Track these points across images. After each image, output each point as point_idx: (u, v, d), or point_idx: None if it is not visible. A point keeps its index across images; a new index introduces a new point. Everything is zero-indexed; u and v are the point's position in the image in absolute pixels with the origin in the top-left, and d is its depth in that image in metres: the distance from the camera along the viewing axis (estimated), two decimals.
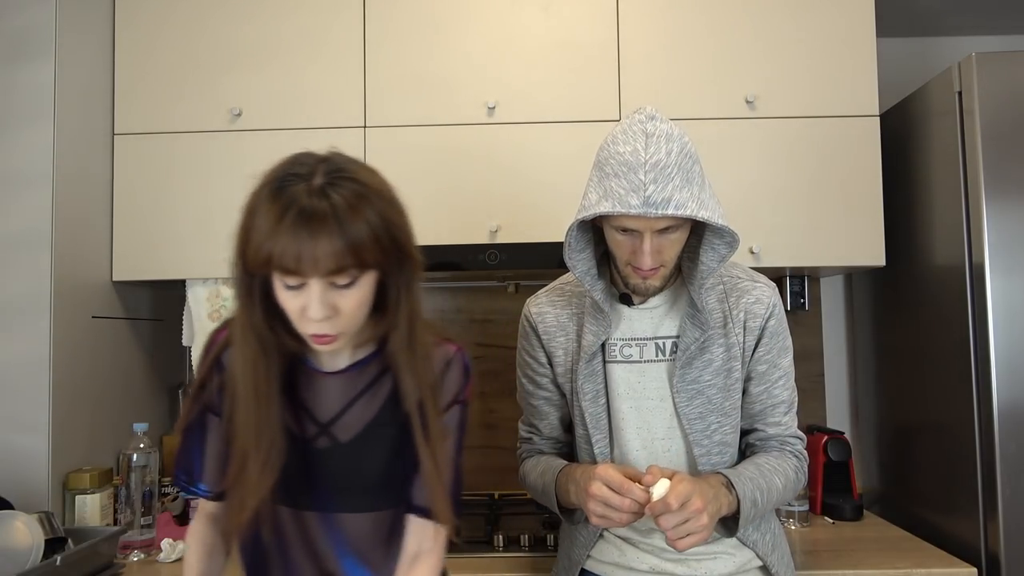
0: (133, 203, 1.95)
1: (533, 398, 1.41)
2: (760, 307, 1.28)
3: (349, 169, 0.99)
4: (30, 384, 1.70)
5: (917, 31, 2.38)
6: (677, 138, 1.15)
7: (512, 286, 2.25)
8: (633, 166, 1.12)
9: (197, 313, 1.99)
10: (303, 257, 0.92)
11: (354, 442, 1.09)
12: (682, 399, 1.27)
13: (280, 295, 0.98)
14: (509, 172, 1.91)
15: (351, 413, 1.09)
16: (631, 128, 1.16)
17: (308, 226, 0.92)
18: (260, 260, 0.95)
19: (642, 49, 1.94)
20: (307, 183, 0.96)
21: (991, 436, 1.62)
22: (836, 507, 1.94)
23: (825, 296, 2.36)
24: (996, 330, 1.62)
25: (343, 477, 1.08)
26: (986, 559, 1.64)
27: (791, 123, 1.92)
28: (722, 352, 1.27)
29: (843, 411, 2.35)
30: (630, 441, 1.29)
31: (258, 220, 0.96)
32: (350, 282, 0.96)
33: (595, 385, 1.30)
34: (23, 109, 1.74)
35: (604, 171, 1.17)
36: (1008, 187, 1.64)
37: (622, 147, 1.15)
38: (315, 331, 0.98)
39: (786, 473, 1.27)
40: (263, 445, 1.01)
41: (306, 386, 1.10)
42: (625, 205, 1.11)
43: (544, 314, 1.38)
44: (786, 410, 1.32)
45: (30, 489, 1.68)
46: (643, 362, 1.29)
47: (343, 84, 1.94)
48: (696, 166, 1.16)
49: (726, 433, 1.29)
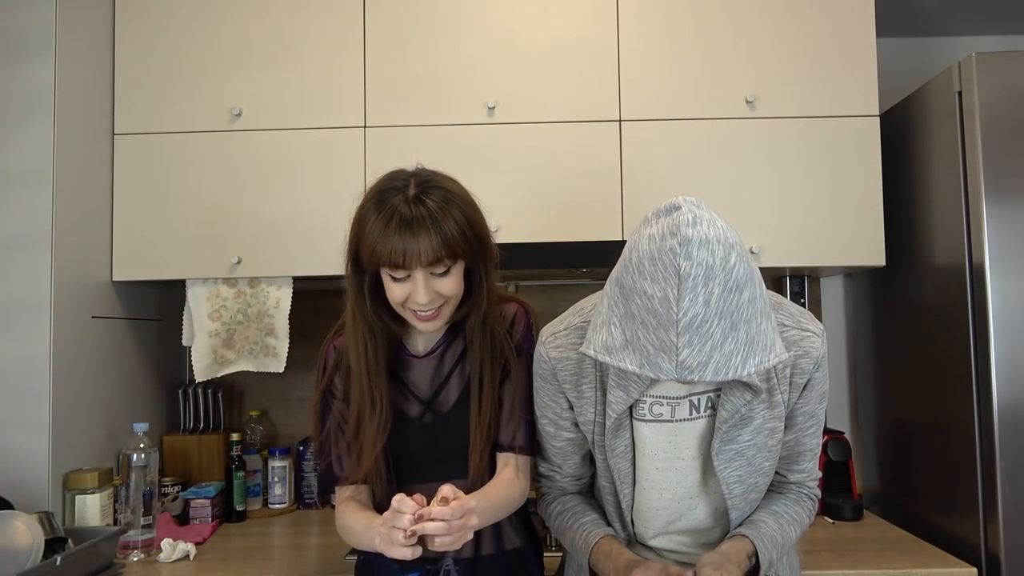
0: (133, 203, 1.95)
1: (555, 440, 1.27)
2: (807, 362, 1.14)
3: (435, 180, 1.21)
4: (30, 384, 1.70)
5: (917, 31, 2.38)
6: (719, 269, 0.92)
7: (512, 286, 2.25)
8: (664, 321, 0.93)
9: (197, 313, 1.99)
10: (408, 253, 1.14)
11: (451, 412, 1.30)
12: (721, 462, 1.15)
13: (389, 287, 1.20)
14: (509, 172, 1.91)
15: (448, 388, 1.31)
16: (660, 259, 0.93)
17: (410, 229, 1.14)
18: (373, 260, 1.17)
19: (642, 49, 1.94)
20: (403, 194, 1.17)
21: (991, 436, 1.62)
22: (836, 507, 1.94)
23: (825, 296, 2.37)
24: (996, 330, 1.62)
25: (447, 447, 1.28)
26: (986, 559, 1.64)
27: (791, 123, 1.92)
28: (764, 410, 1.14)
29: (843, 411, 2.35)
30: (652, 500, 1.21)
31: (368, 228, 1.17)
32: (445, 270, 1.19)
33: (623, 441, 1.18)
34: (23, 109, 1.74)
35: (630, 310, 0.97)
36: (1008, 187, 1.64)
37: (650, 286, 0.94)
38: (420, 310, 1.20)
39: (802, 522, 1.24)
40: (376, 410, 1.25)
41: (407, 371, 1.32)
42: (655, 369, 0.95)
43: (564, 360, 1.20)
44: (812, 457, 1.25)
45: (30, 489, 1.68)
46: (675, 421, 1.17)
47: (343, 84, 1.94)
48: (744, 294, 0.94)
49: (760, 492, 1.22)
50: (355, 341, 1.26)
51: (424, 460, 1.29)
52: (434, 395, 1.31)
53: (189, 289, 2.00)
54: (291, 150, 1.94)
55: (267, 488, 2.12)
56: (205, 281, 1.99)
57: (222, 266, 1.93)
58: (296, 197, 1.93)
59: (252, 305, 1.99)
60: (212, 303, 1.99)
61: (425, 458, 1.29)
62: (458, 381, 1.31)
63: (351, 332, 1.27)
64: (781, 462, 1.24)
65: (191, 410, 2.18)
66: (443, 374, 1.32)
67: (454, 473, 1.26)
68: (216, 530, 1.93)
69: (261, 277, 1.98)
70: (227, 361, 2.01)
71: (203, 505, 1.93)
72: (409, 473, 1.29)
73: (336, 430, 1.31)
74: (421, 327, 1.24)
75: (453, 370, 1.32)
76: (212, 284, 1.99)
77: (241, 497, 2.03)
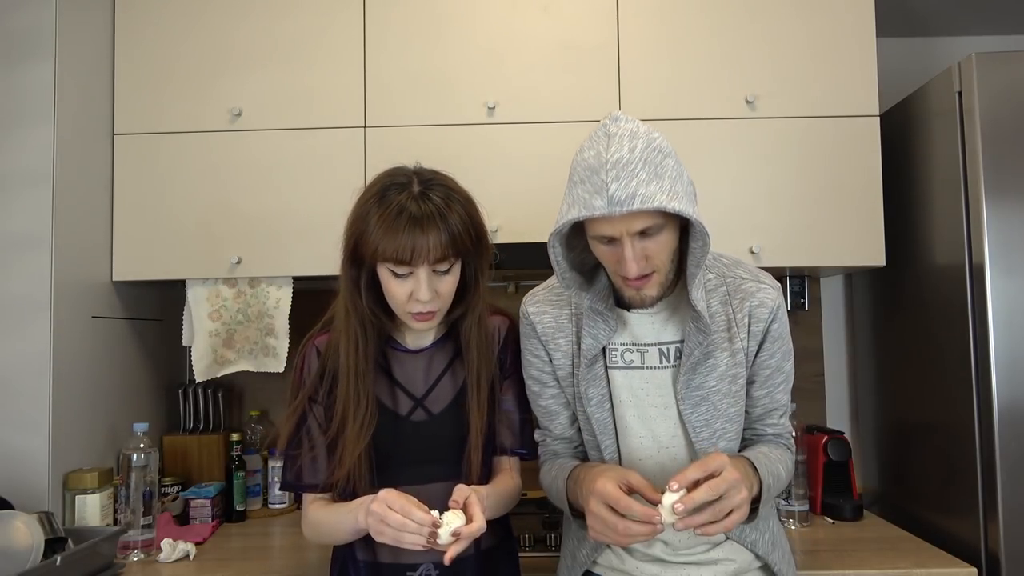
0: (133, 203, 1.95)
1: (541, 398, 1.34)
2: (763, 310, 1.24)
3: (438, 178, 1.22)
4: (30, 384, 1.70)
5: (917, 31, 2.38)
6: (643, 135, 1.10)
7: (512, 286, 2.25)
8: (595, 168, 1.08)
9: (197, 313, 1.99)
10: (417, 250, 1.14)
11: (445, 413, 1.29)
12: (687, 406, 1.23)
13: (389, 285, 1.19)
14: (509, 172, 1.91)
15: (440, 387, 1.30)
16: (595, 133, 1.12)
17: (420, 225, 1.14)
18: (376, 255, 1.16)
19: (642, 49, 1.94)
20: (408, 191, 1.18)
21: (991, 436, 1.62)
22: (836, 507, 1.94)
23: (825, 296, 2.37)
24: (996, 330, 1.62)
25: (438, 448, 1.27)
26: (986, 559, 1.64)
27: (791, 123, 1.92)
28: (727, 357, 1.24)
29: (843, 411, 2.35)
30: (635, 450, 1.26)
31: (371, 224, 1.16)
32: (448, 268, 1.20)
33: (599, 390, 1.26)
34: (23, 109, 1.74)
35: (572, 180, 1.13)
36: (1008, 187, 1.64)
37: (586, 152, 1.11)
38: (420, 310, 1.20)
39: (786, 463, 1.27)
40: (360, 410, 1.23)
41: (398, 367, 1.31)
42: (589, 208, 1.07)
43: (542, 314, 1.31)
44: (783, 413, 1.31)
45: (30, 489, 1.68)
46: (645, 368, 1.26)
47: (343, 84, 1.94)
48: (668, 160, 1.10)
49: (730, 440, 1.27)
50: (346, 338, 1.25)
51: (413, 460, 1.28)
52: (426, 392, 1.30)
53: (189, 289, 2.00)
54: (291, 150, 1.94)
55: (267, 488, 2.12)
56: (205, 281, 1.99)
57: (222, 266, 1.93)
58: (296, 197, 1.93)
59: (252, 305, 1.99)
60: (212, 303, 1.99)
61: (415, 458, 1.28)
62: (451, 381, 1.31)
63: (343, 328, 1.25)
64: (757, 418, 1.31)
65: (191, 410, 2.19)
66: (435, 372, 1.31)
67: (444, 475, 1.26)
68: (216, 530, 1.93)
69: (261, 277, 1.98)
70: (227, 361, 2.01)
71: (203, 505, 1.93)
72: (396, 474, 1.26)
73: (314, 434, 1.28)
74: (417, 326, 1.24)
75: (446, 370, 1.31)
76: (212, 284, 1.99)
77: (241, 497, 2.03)
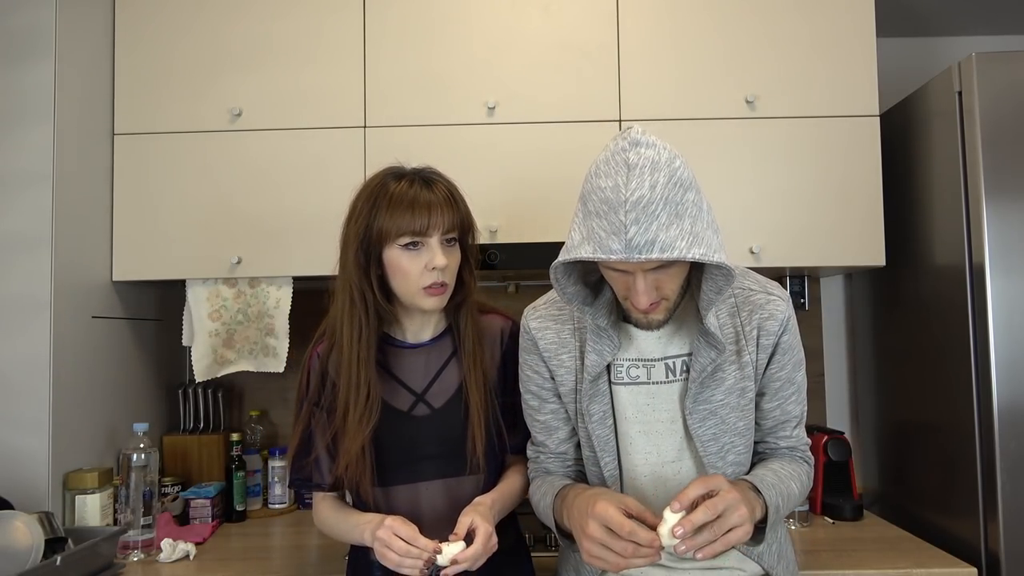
0: (133, 203, 1.95)
1: (539, 413, 1.30)
2: (773, 323, 1.20)
3: (435, 172, 1.30)
4: (30, 384, 1.70)
5: (917, 31, 2.38)
6: (664, 165, 1.02)
7: (512, 286, 2.25)
8: (614, 205, 1.00)
9: (197, 313, 1.99)
10: (432, 217, 1.21)
11: (447, 407, 1.30)
12: (694, 420, 1.19)
13: (401, 262, 1.23)
14: (509, 172, 1.91)
15: (441, 381, 1.32)
16: (613, 159, 1.04)
17: (429, 200, 1.22)
18: (390, 235, 1.22)
19: (642, 49, 1.94)
20: (410, 179, 1.25)
21: (991, 436, 1.62)
22: (836, 507, 1.94)
23: (825, 296, 2.37)
24: (996, 330, 1.62)
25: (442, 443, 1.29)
26: (986, 559, 1.64)
27: (791, 123, 1.92)
28: (735, 371, 1.20)
29: (843, 411, 2.35)
30: (638, 466, 1.23)
31: (379, 206, 1.22)
32: (454, 241, 1.26)
33: (602, 406, 1.22)
34: (23, 109, 1.74)
35: (587, 208, 1.05)
36: (1008, 187, 1.64)
37: (603, 181, 1.03)
38: (434, 280, 1.23)
39: (800, 479, 1.24)
40: (361, 399, 1.24)
41: (397, 362, 1.33)
42: (606, 250, 1.01)
43: (545, 330, 1.27)
44: (797, 424, 1.27)
45: (30, 489, 1.68)
46: (652, 383, 1.22)
47: (343, 84, 1.94)
48: (688, 194, 1.03)
49: (739, 453, 1.24)
50: (349, 327, 1.26)
51: (415, 457, 1.29)
52: (427, 387, 1.32)
53: (189, 289, 2.00)
54: (291, 150, 1.94)
55: (267, 488, 2.13)
56: (205, 281, 1.99)
57: (222, 266, 1.93)
58: (296, 197, 1.93)
59: (252, 305, 1.99)
60: (212, 303, 1.99)
61: (416, 455, 1.29)
62: (451, 376, 1.32)
63: (346, 316, 1.27)
64: (770, 431, 1.27)
65: (191, 410, 2.19)
66: (435, 366, 1.33)
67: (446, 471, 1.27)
68: (216, 530, 1.93)
69: (261, 277, 1.98)
70: (227, 361, 2.01)
71: (203, 505, 1.93)
72: (398, 472, 1.28)
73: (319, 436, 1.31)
74: (428, 304, 1.26)
75: (446, 365, 1.33)
76: (212, 284, 1.99)
77: (241, 497, 2.04)
